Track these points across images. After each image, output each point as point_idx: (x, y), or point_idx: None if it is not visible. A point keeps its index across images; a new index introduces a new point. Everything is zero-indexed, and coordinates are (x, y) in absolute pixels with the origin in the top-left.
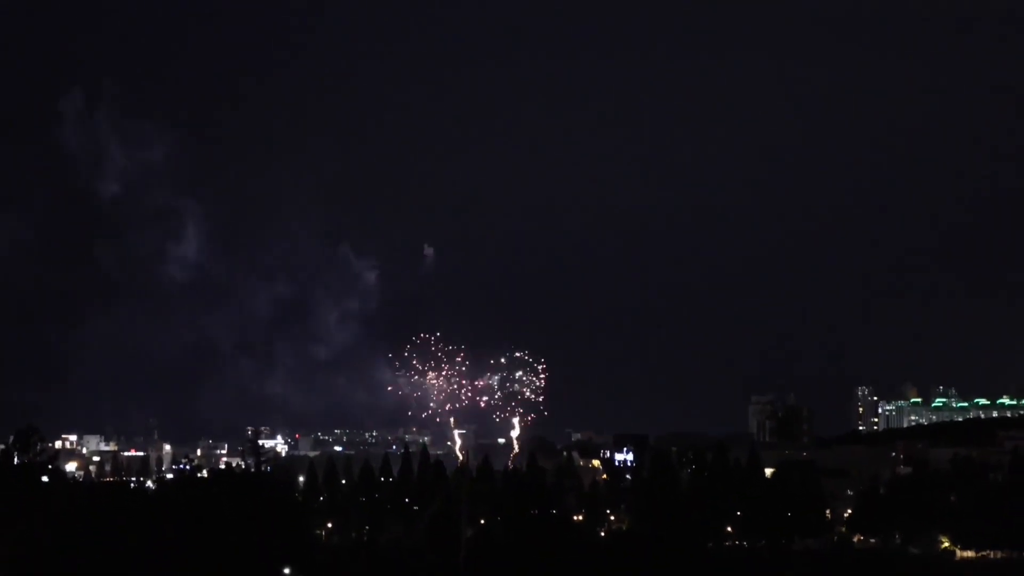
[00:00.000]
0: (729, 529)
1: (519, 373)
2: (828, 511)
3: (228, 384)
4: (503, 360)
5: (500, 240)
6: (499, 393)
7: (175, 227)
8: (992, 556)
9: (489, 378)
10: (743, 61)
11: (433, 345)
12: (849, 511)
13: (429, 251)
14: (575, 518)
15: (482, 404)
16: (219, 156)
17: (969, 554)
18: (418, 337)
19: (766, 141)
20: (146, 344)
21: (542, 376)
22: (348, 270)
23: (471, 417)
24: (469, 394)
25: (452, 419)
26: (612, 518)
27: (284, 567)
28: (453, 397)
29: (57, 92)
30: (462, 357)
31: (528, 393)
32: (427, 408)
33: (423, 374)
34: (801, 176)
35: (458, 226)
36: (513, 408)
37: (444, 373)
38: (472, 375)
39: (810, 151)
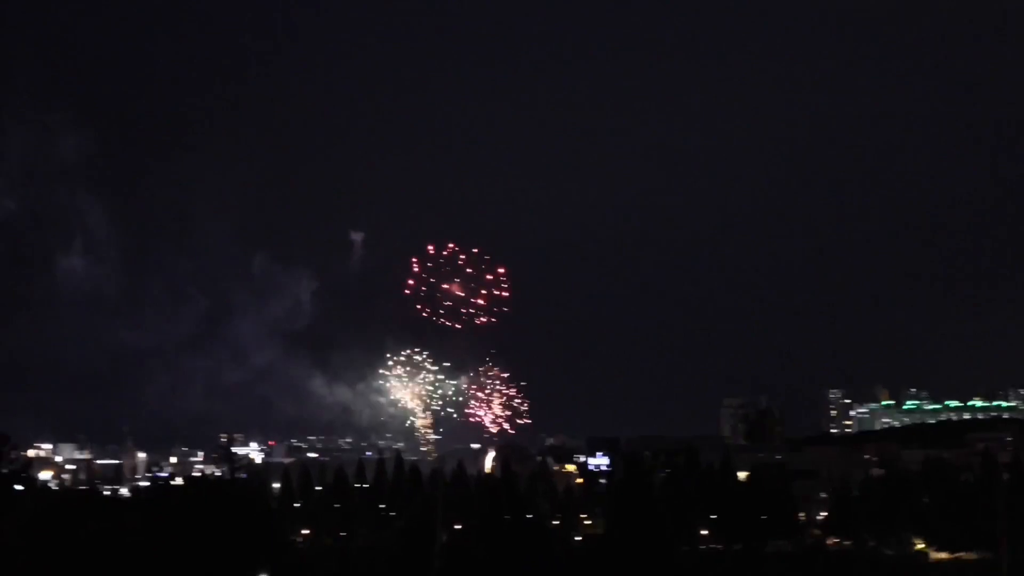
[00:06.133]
0: (704, 532)
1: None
2: (802, 513)
3: (144, 394)
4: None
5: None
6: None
7: (82, 229)
8: (965, 557)
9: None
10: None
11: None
12: (823, 513)
13: (357, 237)
14: (551, 523)
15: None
16: (130, 153)
17: (943, 556)
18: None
19: (739, 151)
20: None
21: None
22: (274, 277)
23: None
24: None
25: (424, 424)
26: (588, 522)
27: (258, 573)
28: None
29: None
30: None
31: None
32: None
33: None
34: (775, 185)
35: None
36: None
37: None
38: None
39: (785, 161)
